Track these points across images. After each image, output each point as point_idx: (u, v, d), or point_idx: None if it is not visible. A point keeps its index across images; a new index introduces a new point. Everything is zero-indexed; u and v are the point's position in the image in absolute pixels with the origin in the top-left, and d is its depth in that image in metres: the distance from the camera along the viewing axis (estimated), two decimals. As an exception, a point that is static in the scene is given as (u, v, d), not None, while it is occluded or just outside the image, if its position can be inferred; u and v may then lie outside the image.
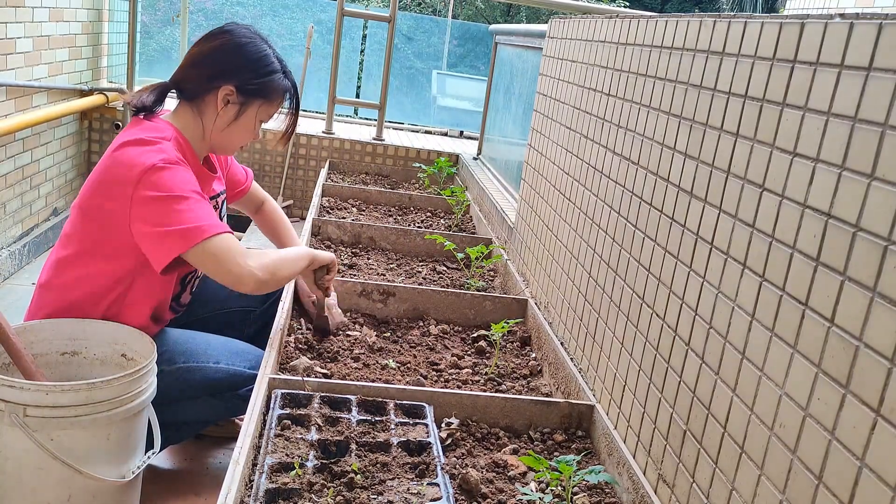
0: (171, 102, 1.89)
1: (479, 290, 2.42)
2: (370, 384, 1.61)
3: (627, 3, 15.00)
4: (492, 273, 2.70)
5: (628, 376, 1.52)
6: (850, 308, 0.88)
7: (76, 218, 1.77)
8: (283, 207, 4.38)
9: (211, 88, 1.82)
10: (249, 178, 2.29)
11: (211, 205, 1.74)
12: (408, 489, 1.28)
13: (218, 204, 2.03)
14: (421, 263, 2.71)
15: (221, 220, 2.05)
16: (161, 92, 1.85)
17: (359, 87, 7.05)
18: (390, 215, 3.28)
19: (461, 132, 5.30)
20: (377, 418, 1.49)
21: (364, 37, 6.83)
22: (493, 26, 4.49)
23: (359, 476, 1.30)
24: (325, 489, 1.26)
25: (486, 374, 1.90)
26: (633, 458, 1.45)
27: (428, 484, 1.29)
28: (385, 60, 4.45)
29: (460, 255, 2.56)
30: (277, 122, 1.98)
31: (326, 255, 1.95)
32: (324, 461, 1.33)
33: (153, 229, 1.64)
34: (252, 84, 1.83)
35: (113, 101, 4.23)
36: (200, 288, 2.10)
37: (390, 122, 5.41)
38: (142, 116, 1.82)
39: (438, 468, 1.33)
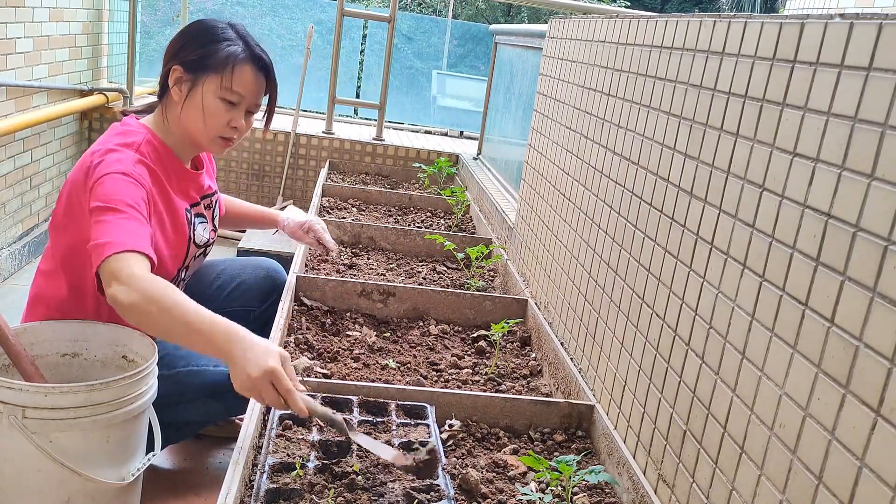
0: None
1: (479, 290, 2.42)
2: (370, 384, 1.61)
3: (628, 3, 14.99)
4: (492, 273, 2.70)
5: (628, 376, 1.52)
6: (850, 308, 0.88)
7: (54, 234, 1.78)
8: (282, 207, 4.39)
9: (166, 77, 1.78)
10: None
11: (140, 220, 1.57)
12: (409, 490, 1.28)
13: (211, 203, 2.02)
14: (421, 263, 2.70)
15: (214, 220, 2.04)
16: (151, 104, 1.88)
17: (359, 87, 7.04)
18: (390, 215, 3.28)
19: (461, 132, 5.29)
20: (378, 419, 1.49)
21: (364, 37, 6.83)
22: (493, 26, 4.49)
23: (360, 477, 1.30)
24: (327, 490, 1.26)
25: (486, 374, 1.90)
26: (633, 458, 1.45)
27: (429, 485, 1.29)
28: (385, 60, 4.45)
29: (460, 255, 2.56)
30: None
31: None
32: (325, 462, 1.33)
33: (90, 244, 1.52)
34: (194, 55, 1.74)
35: (113, 101, 4.23)
36: (200, 287, 2.10)
37: (390, 122, 5.40)
38: (119, 122, 1.82)
39: (440, 469, 1.33)
